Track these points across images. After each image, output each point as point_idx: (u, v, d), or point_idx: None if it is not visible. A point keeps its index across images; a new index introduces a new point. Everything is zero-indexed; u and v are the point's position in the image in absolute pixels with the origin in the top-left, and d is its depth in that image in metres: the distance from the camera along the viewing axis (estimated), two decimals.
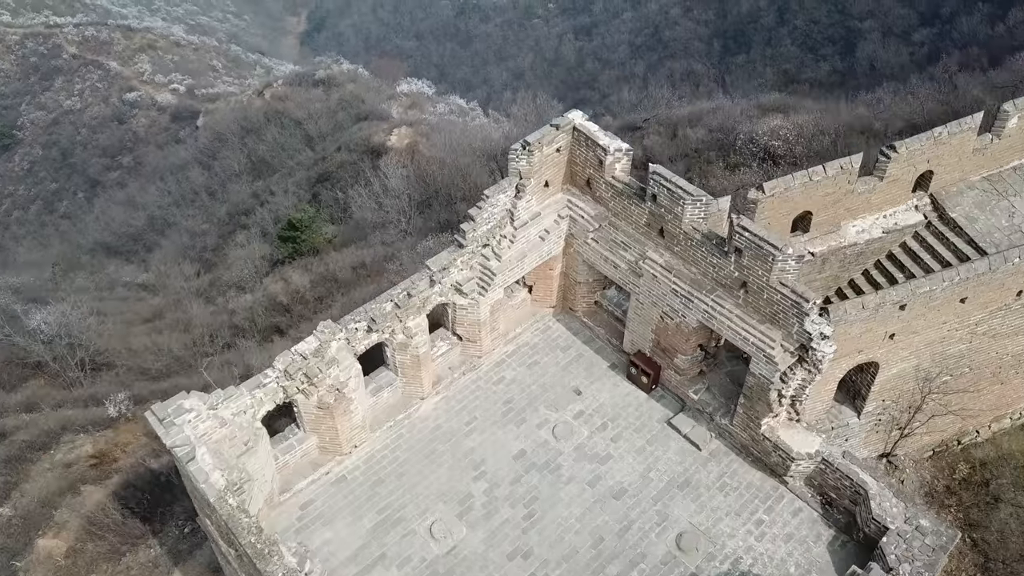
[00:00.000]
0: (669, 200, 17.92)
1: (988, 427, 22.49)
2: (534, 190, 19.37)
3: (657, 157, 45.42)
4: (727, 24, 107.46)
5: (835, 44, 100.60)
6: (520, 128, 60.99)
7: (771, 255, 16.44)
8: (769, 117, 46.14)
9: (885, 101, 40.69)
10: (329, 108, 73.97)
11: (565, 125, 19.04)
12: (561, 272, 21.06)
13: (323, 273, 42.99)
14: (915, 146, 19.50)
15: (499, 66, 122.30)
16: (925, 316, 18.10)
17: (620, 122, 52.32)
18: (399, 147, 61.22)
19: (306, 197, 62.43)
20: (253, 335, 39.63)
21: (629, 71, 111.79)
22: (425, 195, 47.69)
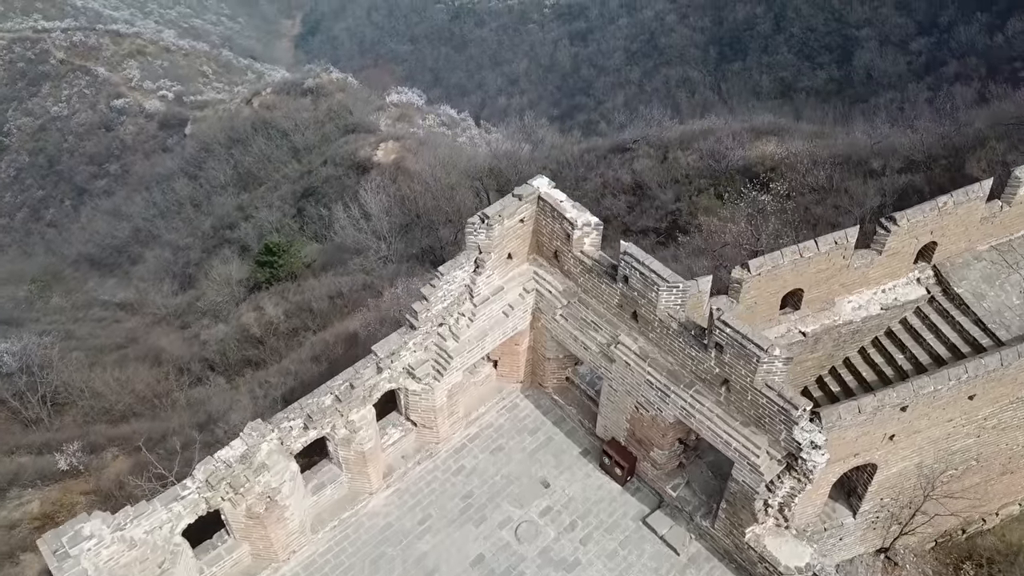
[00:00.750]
0: (642, 284, 15.75)
1: (996, 514, 20.42)
2: (495, 264, 17.19)
3: (647, 182, 43.30)
4: (723, 31, 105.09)
5: (832, 52, 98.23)
6: (508, 145, 58.77)
7: (755, 356, 14.30)
8: (762, 141, 43.91)
9: (883, 131, 38.32)
10: (317, 119, 71.70)
11: (529, 195, 16.85)
12: (529, 347, 18.90)
13: (299, 303, 40.80)
14: (917, 218, 17.33)
15: (494, 71, 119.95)
16: (929, 415, 15.99)
17: (609, 142, 50.06)
18: (385, 162, 59.00)
19: (291, 212, 60.27)
20: (224, 370, 37.51)
21: (624, 78, 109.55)
22: (407, 219, 45.53)
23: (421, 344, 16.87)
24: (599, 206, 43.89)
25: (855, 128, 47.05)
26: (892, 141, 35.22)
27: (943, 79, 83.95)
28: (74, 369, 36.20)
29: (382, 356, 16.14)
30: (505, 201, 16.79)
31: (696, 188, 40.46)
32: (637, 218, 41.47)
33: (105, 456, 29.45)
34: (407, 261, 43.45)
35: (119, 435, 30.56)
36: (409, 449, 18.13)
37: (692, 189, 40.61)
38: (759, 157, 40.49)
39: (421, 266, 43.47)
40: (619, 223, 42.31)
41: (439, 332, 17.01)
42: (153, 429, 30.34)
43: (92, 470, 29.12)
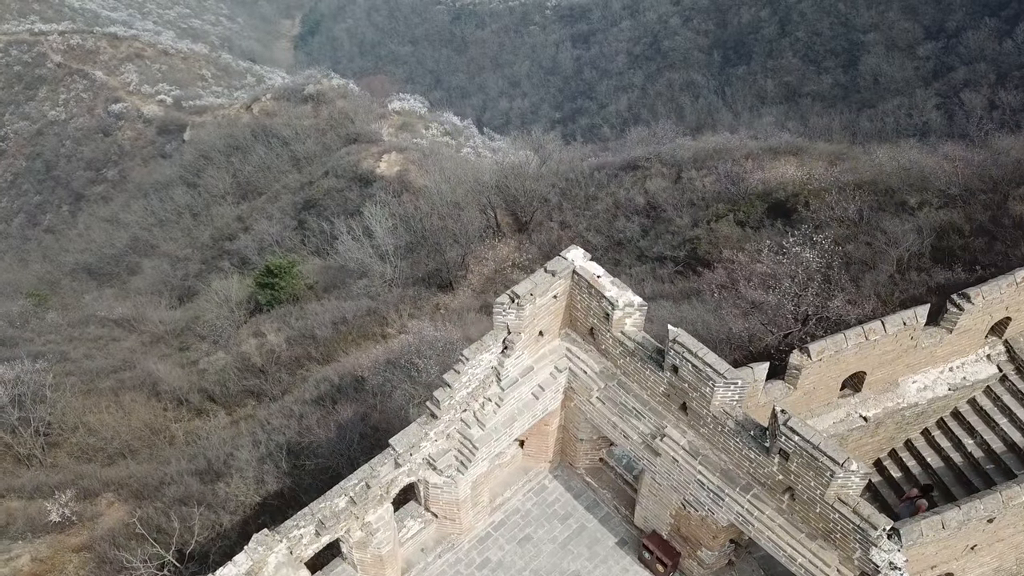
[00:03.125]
0: (694, 377, 13.86)
1: None
2: (526, 343, 15.29)
3: (661, 204, 41.38)
4: (727, 34, 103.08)
5: (838, 57, 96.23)
6: (516, 158, 56.79)
7: (829, 471, 12.44)
8: (780, 162, 42.04)
9: (909, 156, 36.35)
10: (318, 127, 69.64)
11: (563, 270, 14.93)
12: (560, 426, 17.03)
13: (301, 329, 38.86)
14: (993, 294, 15.49)
15: (495, 73, 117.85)
16: (1016, 524, 14.19)
17: (620, 159, 48.09)
18: (389, 175, 57.07)
19: (291, 225, 58.22)
20: (224, 401, 35.60)
21: (627, 81, 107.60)
22: (412, 239, 43.57)
23: (443, 433, 14.99)
24: (611, 228, 42.04)
25: (873, 147, 45.11)
26: (922, 168, 33.24)
27: (951, 85, 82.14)
28: (68, 400, 34.25)
29: (401, 451, 14.26)
30: (537, 278, 14.87)
31: (714, 213, 38.51)
32: (652, 243, 39.56)
33: (99, 503, 27.60)
34: (413, 285, 41.52)
35: (114, 478, 28.67)
36: (429, 541, 16.26)
37: (710, 214, 38.66)
38: (779, 182, 38.53)
39: (428, 290, 41.53)
40: (633, 247, 40.42)
41: (463, 419, 15.13)
42: (150, 473, 28.44)
43: (85, 520, 27.26)
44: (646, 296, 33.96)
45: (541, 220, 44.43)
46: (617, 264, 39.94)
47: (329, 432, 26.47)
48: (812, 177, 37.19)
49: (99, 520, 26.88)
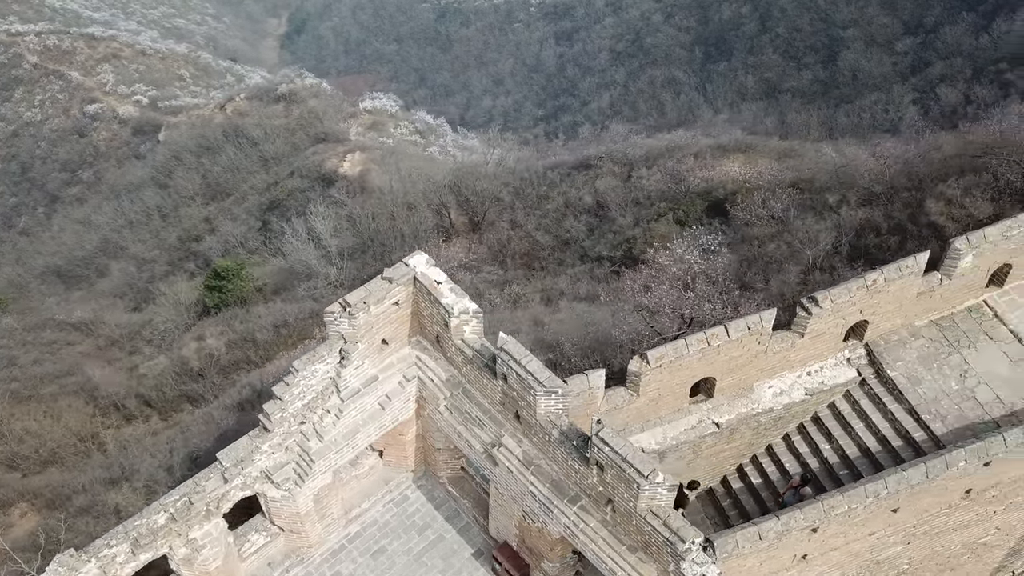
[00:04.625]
0: (520, 385, 13.63)
1: None
2: (366, 352, 15.06)
3: (608, 203, 41.11)
4: (708, 31, 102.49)
5: (817, 53, 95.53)
6: (475, 158, 56.60)
7: (636, 483, 12.21)
8: (728, 160, 41.68)
9: (850, 152, 35.98)
10: (288, 126, 69.44)
11: (401, 277, 14.69)
12: (417, 435, 16.80)
13: (243, 332, 38.66)
14: (843, 297, 15.16)
15: (479, 71, 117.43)
16: (846, 533, 13.90)
17: (575, 158, 47.74)
18: (351, 174, 56.87)
19: (256, 226, 58.13)
20: (161, 406, 35.46)
21: (610, 78, 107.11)
22: (360, 240, 43.35)
23: (281, 445, 14.77)
24: (560, 227, 41.74)
25: (829, 144, 44.66)
26: (853, 166, 32.84)
27: (929, 80, 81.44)
28: (2, 407, 34.15)
29: (228, 465, 14.04)
30: (372, 285, 14.65)
31: (656, 212, 38.22)
32: (595, 243, 39.30)
33: (13, 513, 27.48)
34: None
35: (32, 488, 28.56)
36: (277, 555, 16.06)
37: (652, 213, 38.39)
38: (721, 179, 38.25)
39: None
40: (578, 247, 40.17)
41: (302, 431, 14.91)
42: (67, 482, 28.34)
43: None
44: (579, 297, 33.91)
45: (493, 220, 44.18)
46: (561, 264, 39.70)
47: None
48: (754, 175, 36.88)
49: (9, 531, 26.73)
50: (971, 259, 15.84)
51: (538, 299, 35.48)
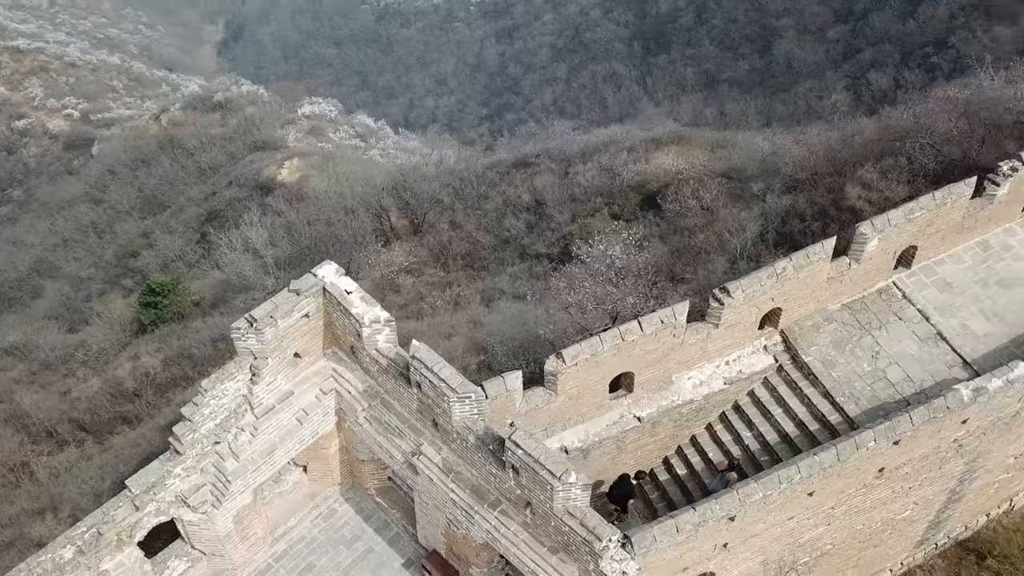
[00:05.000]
0: (434, 393, 13.51)
1: None
2: (278, 368, 14.79)
3: (546, 200, 41.18)
4: (647, 25, 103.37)
5: (753, 43, 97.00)
6: (416, 159, 56.23)
7: (549, 484, 12.18)
8: (662, 152, 42.07)
9: (777, 140, 36.58)
10: (225, 135, 68.17)
11: (310, 288, 14.44)
12: (341, 447, 16.56)
13: (180, 348, 37.83)
14: (754, 287, 15.34)
15: (422, 72, 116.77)
16: (764, 519, 14.07)
17: (513, 157, 47.72)
18: (289, 181, 56.04)
19: (194, 238, 56.97)
20: (96, 430, 34.48)
21: (552, 74, 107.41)
22: (298, 249, 42.73)
23: (195, 467, 14.42)
24: (500, 226, 41.69)
25: (764, 132, 45.33)
26: (784, 153, 33.35)
27: (860, 66, 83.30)
28: None
29: (137, 492, 13.65)
30: (279, 299, 14.37)
31: (591, 208, 38.39)
32: (534, 240, 39.32)
33: None
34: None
35: None
36: None
37: (588, 209, 38.54)
38: (655, 172, 38.56)
39: None
40: (517, 246, 40.16)
41: (217, 451, 14.57)
42: None
43: None
44: (518, 295, 33.85)
45: (434, 222, 43.92)
46: (501, 263, 39.65)
47: None
48: (686, 167, 37.23)
49: None
50: (877, 243, 16.15)
51: (479, 299, 35.41)
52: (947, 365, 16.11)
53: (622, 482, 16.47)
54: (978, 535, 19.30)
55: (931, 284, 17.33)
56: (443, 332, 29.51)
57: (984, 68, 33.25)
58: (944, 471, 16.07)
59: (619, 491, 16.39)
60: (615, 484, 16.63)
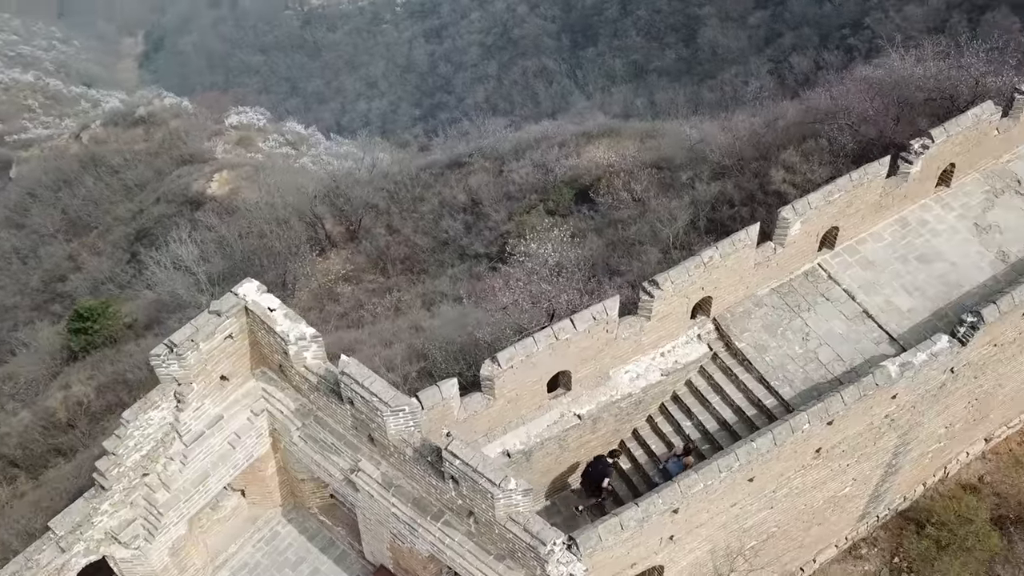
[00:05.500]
0: (367, 408, 13.17)
1: (813, 561, 19.06)
2: (205, 392, 14.25)
3: (482, 199, 40.92)
4: (573, 18, 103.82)
5: (678, 32, 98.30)
6: (349, 164, 55.30)
7: (489, 492, 11.97)
8: (593, 146, 42.22)
9: (703, 128, 37.00)
10: (150, 151, 66.10)
11: (231, 308, 13.93)
12: (279, 468, 16.06)
13: (114, 374, 36.50)
14: (682, 277, 15.38)
15: (351, 75, 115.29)
16: (708, 508, 14.12)
17: (447, 157, 47.31)
18: (219, 195, 54.64)
19: (124, 259, 55.15)
20: (28, 465, 33.04)
21: (483, 72, 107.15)
22: (231, 263, 41.63)
23: (124, 502, 13.80)
24: (437, 228, 41.26)
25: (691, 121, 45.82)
26: (711, 140, 33.71)
27: (782, 50, 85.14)
28: None
29: (62, 533, 12.98)
30: (199, 321, 13.84)
31: (527, 205, 38.28)
32: (473, 241, 39.03)
33: None
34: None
35: None
36: None
37: (523, 206, 38.42)
38: (587, 166, 38.63)
39: None
40: (456, 246, 39.82)
41: (147, 483, 13.97)
42: None
43: None
44: (459, 298, 33.51)
45: (370, 227, 43.25)
46: (441, 265, 39.25)
47: None
48: (618, 159, 37.39)
49: None
50: (799, 226, 16.35)
51: (419, 304, 34.98)
52: (874, 342, 16.41)
53: (597, 462, 16.25)
54: (916, 504, 19.80)
55: (854, 263, 17.64)
56: (384, 339, 29.05)
57: (896, 48, 34.24)
58: (879, 446, 16.39)
59: (594, 472, 16.20)
60: (590, 465, 16.44)
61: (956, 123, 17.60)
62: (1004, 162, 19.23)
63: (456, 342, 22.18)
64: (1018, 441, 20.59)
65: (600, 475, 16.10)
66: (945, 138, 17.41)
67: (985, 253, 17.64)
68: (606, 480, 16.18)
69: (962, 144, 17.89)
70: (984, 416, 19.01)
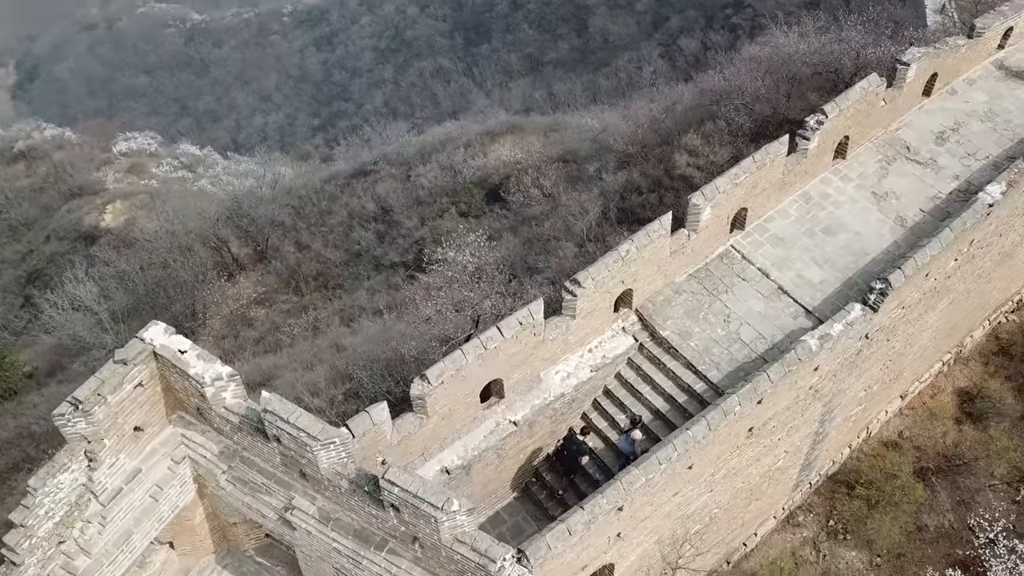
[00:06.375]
0: (295, 444, 12.55)
1: (755, 535, 19.44)
2: (118, 447, 13.32)
3: (392, 207, 40.20)
4: (465, 16, 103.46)
5: (569, 23, 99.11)
6: (251, 182, 53.47)
7: (432, 517, 11.58)
8: (499, 144, 42.07)
9: (605, 118, 37.37)
10: (35, 186, 62.35)
11: (136, 356, 13.03)
12: (208, 514, 15.21)
13: (16, 428, 34.20)
14: (602, 273, 15.30)
15: (244, 90, 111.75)
16: (651, 501, 14.12)
17: (351, 167, 46.32)
18: (115, 227, 52.05)
19: (17, 303, 51.85)
20: None
21: (379, 77, 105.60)
22: (135, 298, 39.60)
23: (40, 575, 12.74)
24: (348, 240, 40.35)
25: (591, 111, 46.21)
26: (614, 130, 33.98)
27: (670, 34, 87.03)
28: None
29: None
30: (104, 373, 12.89)
31: (439, 209, 37.81)
32: (387, 250, 38.30)
33: None
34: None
35: None
36: None
37: (435, 210, 37.94)
38: (496, 165, 38.45)
39: None
40: (370, 257, 39.00)
41: (64, 551, 12.95)
42: None
43: None
44: (378, 310, 32.75)
45: (278, 245, 41.89)
46: (356, 278, 38.35)
47: None
48: (524, 155, 37.35)
49: None
50: (710, 211, 16.52)
51: (338, 321, 34.07)
52: (792, 316, 16.76)
53: (570, 442, 15.90)
54: (845, 467, 20.44)
55: (765, 241, 17.99)
56: (304, 362, 28.13)
57: (779, 25, 35.32)
58: (806, 417, 16.78)
59: (569, 453, 15.87)
60: (562, 445, 16.13)
61: (846, 97, 18.14)
62: (893, 130, 19.97)
63: (381, 359, 21.60)
64: (930, 395, 21.54)
65: (576, 454, 15.87)
66: (838, 112, 17.92)
67: (885, 220, 18.27)
68: (584, 458, 15.97)
69: (853, 117, 18.47)
70: (898, 375, 19.77)
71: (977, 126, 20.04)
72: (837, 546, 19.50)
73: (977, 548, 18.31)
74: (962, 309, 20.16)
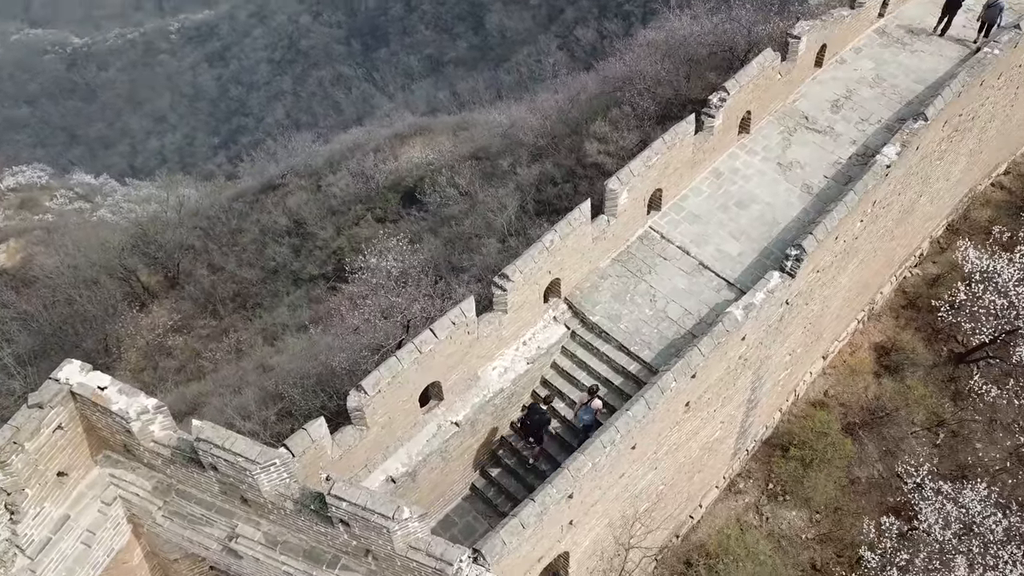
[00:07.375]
0: (233, 470, 12.09)
1: (700, 506, 19.87)
2: (42, 495, 12.56)
3: (306, 219, 39.28)
4: (359, 22, 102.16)
5: (465, 21, 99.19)
6: (155, 206, 51.36)
7: (384, 528, 11.36)
8: (409, 146, 41.70)
9: (513, 112, 37.49)
10: None
11: (53, 398, 12.31)
12: (146, 554, 14.52)
13: None
14: (529, 266, 15.32)
15: (136, 113, 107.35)
16: (599, 485, 14.23)
17: (258, 183, 45.05)
18: (11, 266, 49.12)
19: None
20: None
21: (277, 89, 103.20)
22: (42, 338, 37.53)
23: None
24: (263, 257, 39.23)
25: (498, 107, 46.28)
26: (523, 124, 34.11)
27: (566, 25, 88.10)
28: None
29: None
30: (18, 420, 12.14)
31: (354, 216, 37.20)
32: (304, 264, 37.41)
33: None
34: None
35: None
36: None
37: (350, 219, 37.30)
38: (408, 167, 38.05)
39: None
40: (288, 272, 38.02)
41: None
42: None
43: None
44: (302, 326, 31.98)
45: (189, 270, 40.38)
46: (276, 295, 37.35)
47: None
48: (436, 156, 37.11)
49: None
50: (626, 195, 16.76)
51: (261, 341, 33.11)
52: (715, 290, 17.17)
53: (532, 412, 15.70)
54: (778, 430, 21.13)
55: (682, 220, 18.37)
56: (231, 386, 27.22)
57: (671, 9, 36.11)
58: (738, 386, 17.23)
59: (533, 423, 15.67)
60: (526, 416, 15.93)
61: (745, 73, 18.70)
62: (791, 102, 20.72)
63: (311, 375, 21.09)
64: (849, 352, 22.48)
65: (540, 423, 15.73)
66: (738, 88, 18.45)
67: (792, 189, 18.93)
68: (550, 424, 15.92)
69: (753, 92, 19.05)
70: (818, 336, 20.55)
71: (867, 92, 20.99)
72: (778, 507, 20.13)
73: (907, 493, 19.21)
74: (870, 268, 21.10)
